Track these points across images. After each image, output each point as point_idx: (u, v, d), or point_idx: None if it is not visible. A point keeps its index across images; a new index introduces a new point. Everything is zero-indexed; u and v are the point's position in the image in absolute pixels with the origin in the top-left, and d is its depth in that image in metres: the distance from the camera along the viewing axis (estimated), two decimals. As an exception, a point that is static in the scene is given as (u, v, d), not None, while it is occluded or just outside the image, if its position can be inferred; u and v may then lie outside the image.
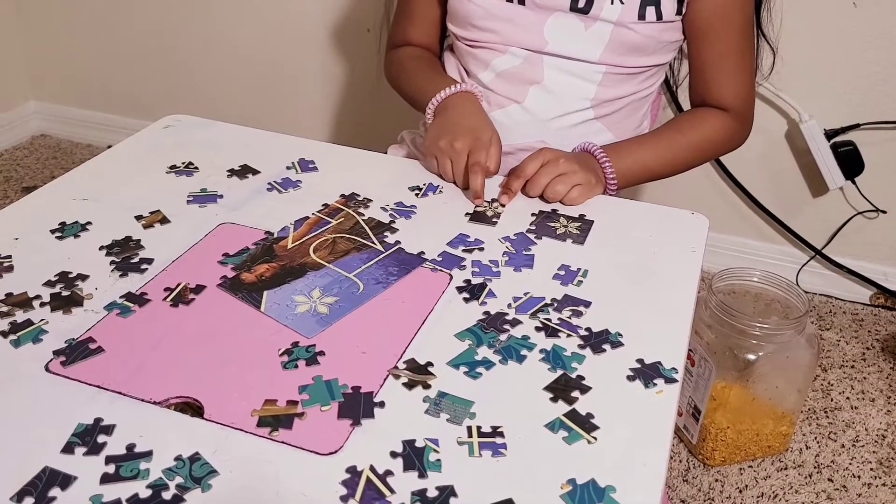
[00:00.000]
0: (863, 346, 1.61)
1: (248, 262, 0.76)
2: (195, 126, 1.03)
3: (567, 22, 0.95)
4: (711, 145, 1.03)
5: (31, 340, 0.66)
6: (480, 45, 1.00)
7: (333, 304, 0.71)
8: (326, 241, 0.80)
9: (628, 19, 0.93)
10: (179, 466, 0.55)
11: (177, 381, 0.62)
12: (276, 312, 0.70)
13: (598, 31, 0.95)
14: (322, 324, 0.69)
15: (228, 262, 0.76)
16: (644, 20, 0.94)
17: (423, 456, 0.57)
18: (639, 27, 0.94)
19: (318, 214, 0.84)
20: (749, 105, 1.04)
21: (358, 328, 0.69)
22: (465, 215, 0.86)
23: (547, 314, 0.71)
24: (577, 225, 0.85)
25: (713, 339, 1.23)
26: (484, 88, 1.01)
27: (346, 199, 0.88)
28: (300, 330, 0.68)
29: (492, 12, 0.96)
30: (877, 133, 1.56)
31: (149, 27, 2.04)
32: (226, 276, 0.74)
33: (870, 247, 1.68)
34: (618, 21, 0.94)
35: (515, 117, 1.00)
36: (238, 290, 0.72)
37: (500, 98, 1.01)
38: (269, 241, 0.80)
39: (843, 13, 1.47)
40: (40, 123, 2.32)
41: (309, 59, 1.92)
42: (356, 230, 0.82)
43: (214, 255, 0.77)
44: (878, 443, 1.38)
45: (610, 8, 0.93)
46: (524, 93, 0.99)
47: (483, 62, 1.01)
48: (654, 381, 0.64)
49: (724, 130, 1.02)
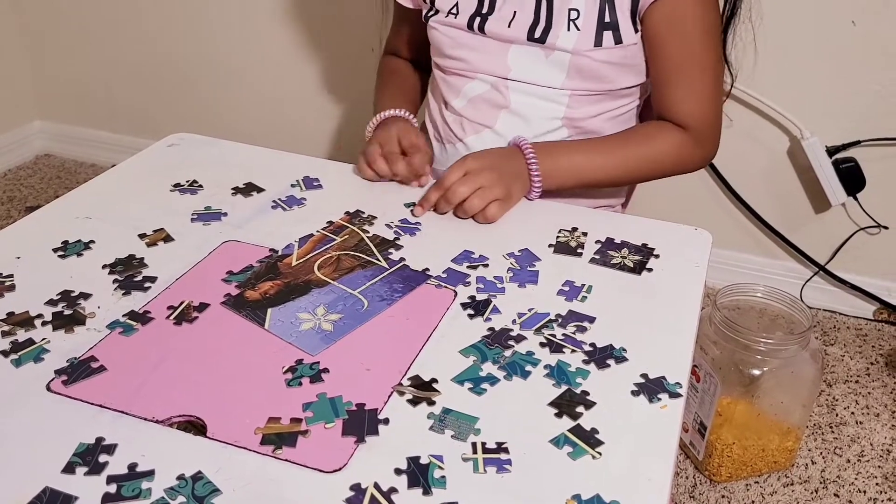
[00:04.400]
0: (867, 362, 1.60)
1: (253, 279, 0.76)
2: (200, 144, 1.03)
3: (528, 51, 0.95)
4: (658, 162, 0.98)
5: (32, 360, 0.65)
6: (453, 71, 1.01)
7: (338, 321, 0.71)
8: (331, 258, 0.80)
9: (584, 47, 0.92)
10: (182, 486, 0.55)
11: (180, 399, 0.62)
12: (280, 330, 0.70)
13: (558, 60, 0.94)
14: (326, 341, 0.69)
15: (233, 279, 0.76)
16: (601, 46, 0.93)
17: (428, 473, 0.56)
18: (596, 54, 0.93)
19: (323, 232, 0.84)
20: (709, 125, 0.98)
21: (362, 345, 0.69)
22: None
23: (551, 330, 0.71)
24: (636, 258, 0.82)
25: (718, 354, 1.23)
26: (459, 115, 1.02)
27: (351, 216, 0.88)
28: (304, 347, 0.68)
29: (459, 41, 0.98)
30: (878, 149, 1.57)
31: (154, 47, 2.06)
32: (229, 294, 0.74)
33: (872, 262, 1.68)
34: (574, 50, 0.93)
35: (489, 142, 1.01)
36: (242, 308, 0.72)
37: (474, 124, 1.01)
38: (274, 259, 0.80)
39: (843, 31, 1.48)
40: (45, 143, 2.33)
41: (314, 79, 1.93)
42: (361, 247, 0.82)
43: (218, 273, 0.77)
44: (884, 457, 1.37)
45: (566, 35, 0.93)
46: (494, 118, 1.00)
47: (455, 89, 1.02)
48: (659, 395, 0.64)
49: (676, 148, 0.97)
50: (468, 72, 1.00)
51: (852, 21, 1.47)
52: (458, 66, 1.00)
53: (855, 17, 1.46)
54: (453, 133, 1.04)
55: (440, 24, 0.99)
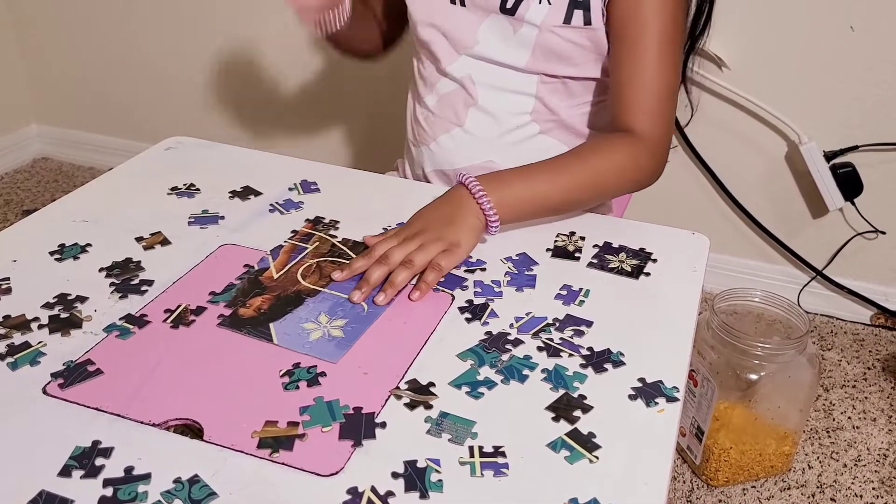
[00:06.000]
0: (864, 366, 1.60)
1: (240, 297, 0.75)
2: (197, 147, 1.03)
3: (499, 24, 0.95)
4: (616, 176, 0.90)
5: (28, 363, 0.65)
6: (423, 48, 1.01)
7: (345, 326, 0.71)
8: (311, 266, 0.80)
9: (553, 22, 0.92)
10: (178, 489, 0.54)
11: (176, 402, 0.62)
12: (291, 343, 0.69)
13: (525, 36, 0.94)
14: (342, 347, 0.68)
15: (219, 300, 0.74)
16: (570, 24, 0.92)
17: (425, 476, 0.56)
18: (563, 31, 0.92)
19: (292, 242, 0.84)
20: (660, 134, 0.92)
21: (360, 349, 0.68)
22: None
23: (549, 334, 0.71)
24: (634, 263, 0.82)
25: (716, 359, 1.23)
26: (431, 114, 1.02)
27: (313, 223, 0.87)
28: (322, 356, 0.67)
29: (436, 9, 0.97)
30: (875, 155, 1.57)
31: (151, 50, 2.06)
32: (223, 315, 0.72)
33: (870, 267, 1.69)
34: (542, 24, 0.92)
35: (459, 140, 1.01)
36: (241, 327, 0.71)
37: (444, 122, 1.02)
38: (253, 274, 0.78)
39: (841, 37, 1.49)
40: (42, 146, 2.33)
41: (312, 82, 1.93)
42: (336, 252, 0.82)
43: (215, 276, 0.77)
44: (880, 462, 1.37)
45: (536, 8, 0.92)
46: (463, 115, 1.00)
47: (430, 85, 1.02)
48: (656, 400, 0.64)
49: (632, 160, 0.90)
50: (436, 43, 0.98)
51: (851, 27, 1.47)
52: (430, 35, 0.99)
53: (853, 22, 1.47)
54: (427, 133, 1.04)
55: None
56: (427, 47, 1.01)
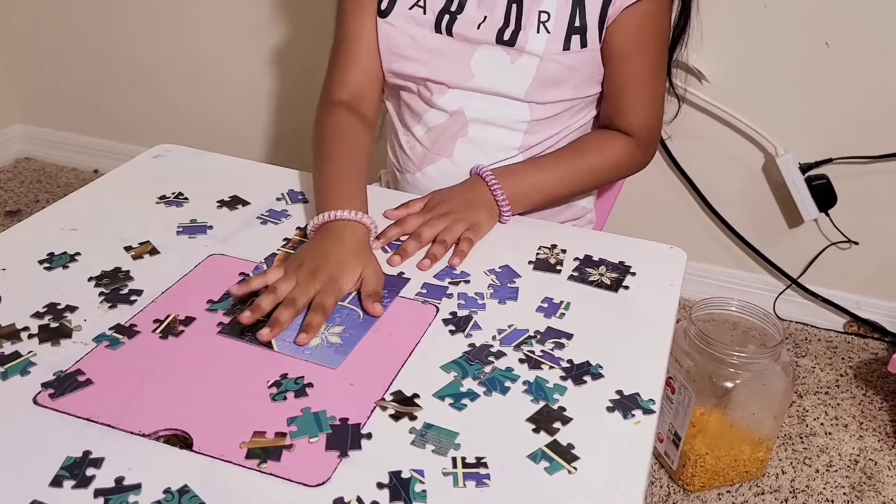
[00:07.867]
0: (836, 373, 1.64)
1: (238, 305, 0.76)
2: (185, 156, 1.04)
3: (494, 55, 0.96)
4: (612, 170, 1.04)
5: (18, 373, 0.66)
6: (411, 87, 1.00)
7: (342, 332, 0.73)
8: None
9: (554, 51, 0.94)
10: (168, 499, 0.56)
11: (166, 413, 0.63)
12: (292, 350, 0.71)
13: (524, 65, 0.95)
14: (341, 353, 0.70)
15: (217, 308, 0.75)
16: (569, 50, 0.95)
17: (409, 487, 0.58)
18: (562, 58, 0.95)
19: (285, 250, 0.85)
20: (654, 133, 1.05)
21: (346, 360, 0.70)
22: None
23: (530, 346, 0.73)
24: (613, 276, 0.84)
25: (692, 366, 1.25)
26: (418, 144, 1.03)
27: (303, 231, 0.88)
28: (323, 363, 0.69)
29: (420, 42, 0.96)
30: (849, 167, 1.61)
31: (136, 51, 2.05)
32: (223, 323, 0.73)
33: (843, 276, 1.72)
34: (543, 54, 0.94)
35: (446, 171, 1.02)
36: (241, 335, 0.72)
37: (432, 154, 1.02)
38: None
39: (816, 53, 1.52)
40: (25, 146, 2.32)
41: (300, 89, 1.94)
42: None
43: (204, 286, 0.78)
44: (851, 468, 1.41)
45: (536, 38, 0.94)
46: (452, 147, 1.01)
47: (417, 115, 1.02)
48: (633, 412, 0.66)
49: (627, 156, 1.03)
50: (427, 81, 0.98)
51: (826, 43, 1.51)
52: (416, 70, 0.98)
53: (829, 38, 1.50)
54: (412, 162, 1.04)
55: (402, 20, 0.96)
56: (414, 80, 1.00)
